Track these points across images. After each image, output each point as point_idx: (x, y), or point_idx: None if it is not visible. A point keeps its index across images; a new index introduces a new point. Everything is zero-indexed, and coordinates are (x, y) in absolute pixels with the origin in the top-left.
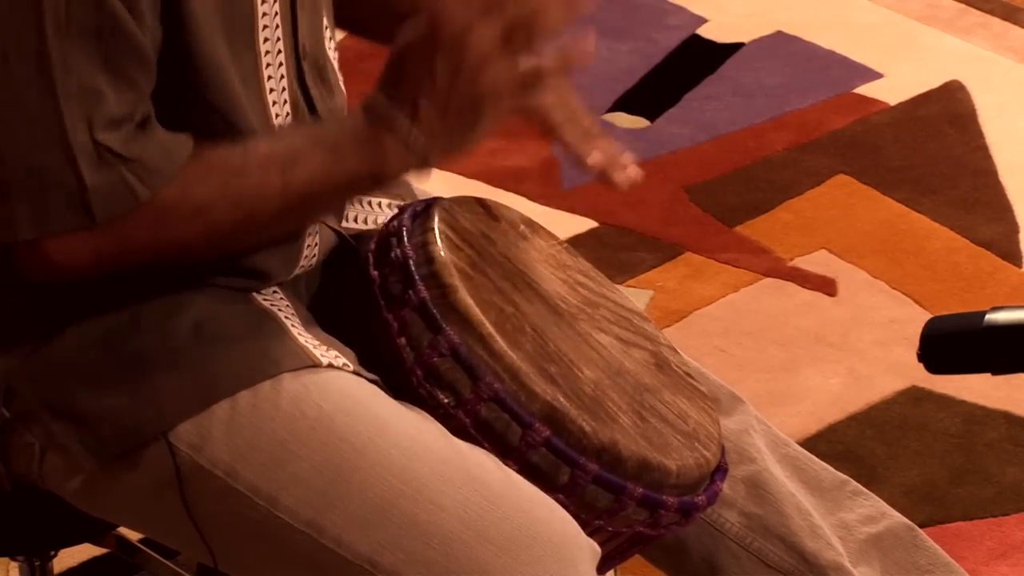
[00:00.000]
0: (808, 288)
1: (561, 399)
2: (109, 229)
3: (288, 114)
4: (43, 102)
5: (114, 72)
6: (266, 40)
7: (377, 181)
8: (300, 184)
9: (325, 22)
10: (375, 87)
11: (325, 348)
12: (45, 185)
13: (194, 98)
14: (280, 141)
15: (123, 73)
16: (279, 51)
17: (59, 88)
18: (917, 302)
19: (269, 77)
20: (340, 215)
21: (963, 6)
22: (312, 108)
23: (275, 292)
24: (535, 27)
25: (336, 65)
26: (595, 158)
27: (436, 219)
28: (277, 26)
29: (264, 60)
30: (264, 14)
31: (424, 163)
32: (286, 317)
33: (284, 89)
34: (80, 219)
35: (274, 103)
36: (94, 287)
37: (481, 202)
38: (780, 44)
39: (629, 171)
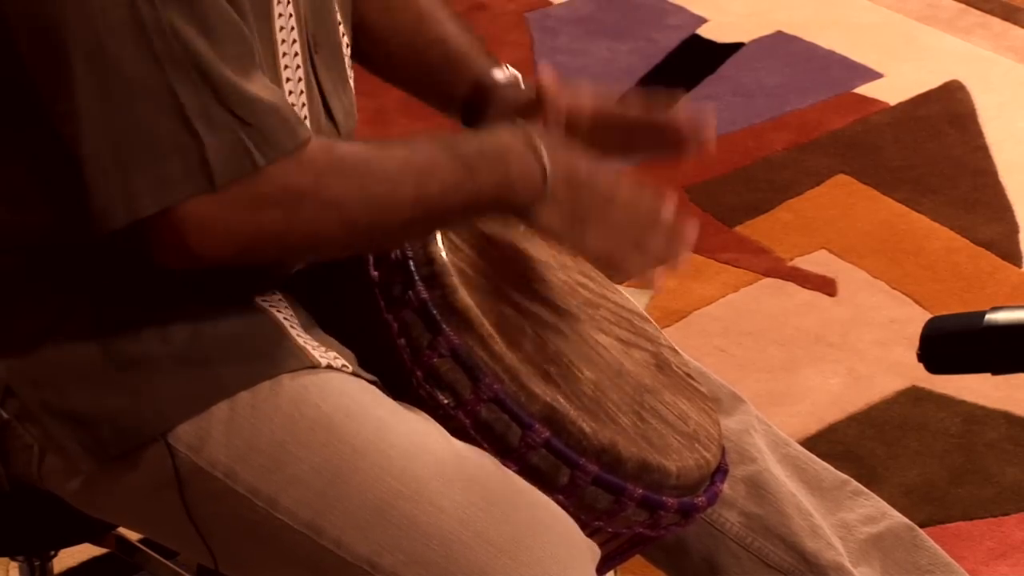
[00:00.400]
0: (808, 288)
1: (561, 400)
2: (242, 210)
3: (304, 104)
4: (147, 70)
5: (210, 32)
6: (281, 28)
7: (503, 205)
8: (433, 195)
9: (339, 18)
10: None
11: (324, 349)
12: (163, 154)
13: None
14: (418, 149)
15: (218, 33)
16: (294, 41)
17: (159, 53)
18: (917, 302)
19: (285, 63)
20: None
21: (963, 6)
22: (324, 100)
23: (274, 293)
24: (646, 238)
25: (348, 63)
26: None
27: None
28: (291, 15)
29: (280, 49)
30: (279, 2)
31: (532, 211)
32: (285, 318)
33: (300, 80)
34: (199, 183)
35: (290, 92)
36: (94, 287)
37: None
38: (780, 44)
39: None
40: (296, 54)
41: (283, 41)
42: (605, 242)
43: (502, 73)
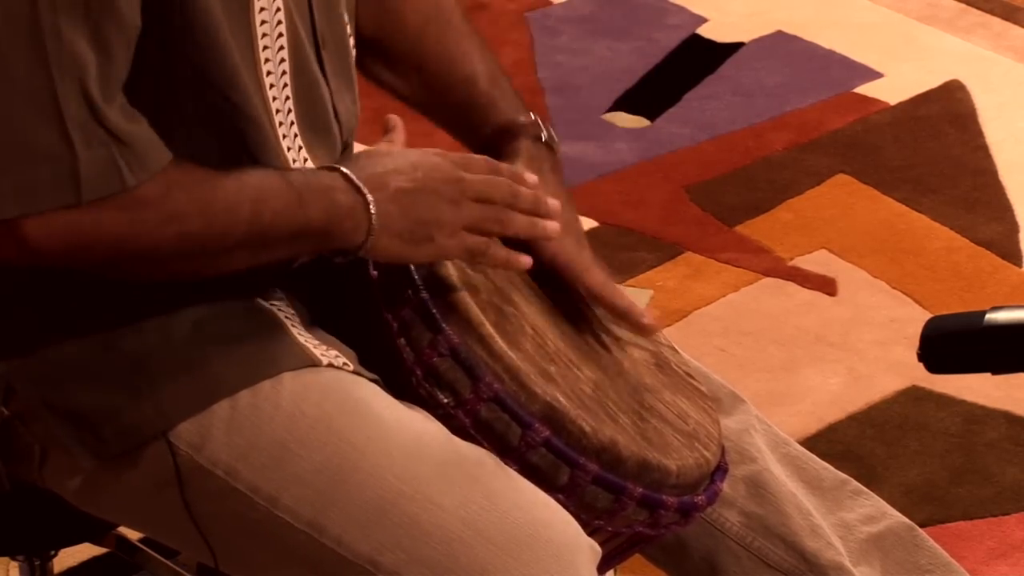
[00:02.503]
0: (808, 288)
1: (561, 399)
2: (87, 214)
3: (288, 97)
4: (34, 74)
5: (102, 45)
6: (263, 23)
7: (334, 239)
8: (267, 217)
9: (346, 18)
10: (359, 157)
11: (325, 348)
12: (34, 160)
13: (193, 73)
14: (254, 174)
15: (109, 47)
16: (279, 35)
17: (51, 59)
18: (917, 302)
19: (267, 60)
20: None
21: (963, 6)
22: (332, 98)
23: (275, 292)
24: (505, 219)
25: (353, 63)
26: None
27: None
28: (278, 9)
29: (261, 43)
30: None
31: (364, 246)
32: (286, 317)
33: (285, 72)
34: (66, 196)
35: (271, 86)
36: (95, 286)
37: None
38: (780, 44)
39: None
40: (281, 48)
41: (264, 35)
42: (460, 240)
43: (526, 120)
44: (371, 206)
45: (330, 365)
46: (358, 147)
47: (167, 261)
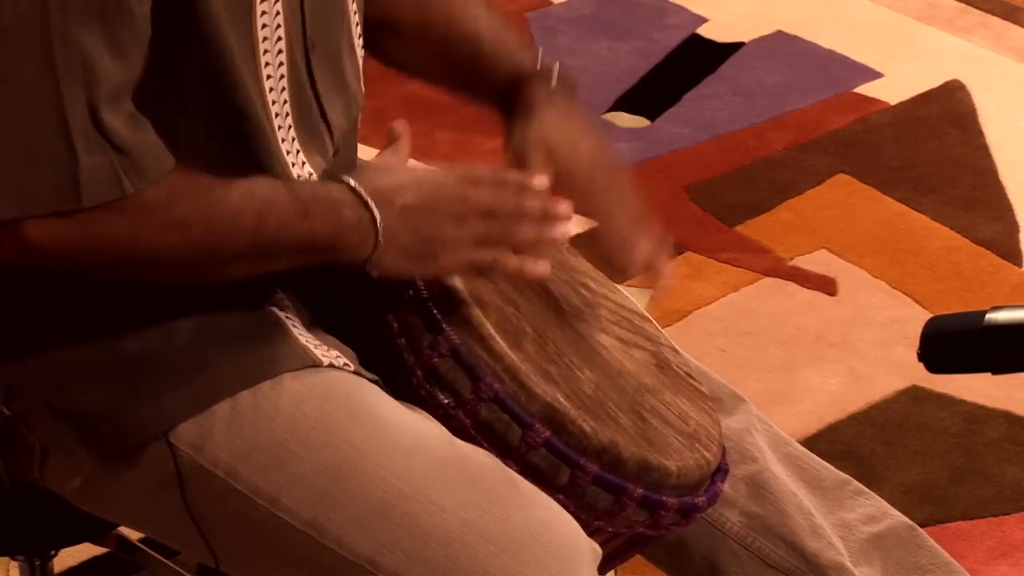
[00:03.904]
0: (808, 288)
1: (561, 400)
2: (88, 218)
3: (286, 101)
4: (41, 77)
5: (114, 51)
6: (264, 27)
7: (339, 252)
8: (271, 228)
9: (355, 19)
10: (367, 170)
11: (326, 348)
12: (36, 162)
13: (198, 77)
14: (260, 184)
15: (123, 53)
16: (279, 39)
17: (58, 63)
18: (917, 302)
19: (267, 64)
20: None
21: (963, 6)
22: (318, 101)
23: (276, 292)
24: (512, 232)
25: (360, 64)
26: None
27: None
28: (278, 12)
29: (262, 47)
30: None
31: (369, 261)
32: (287, 317)
33: (283, 76)
34: (66, 201)
35: (271, 89)
36: (96, 286)
37: None
38: (780, 44)
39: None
40: (280, 51)
41: (265, 39)
42: (466, 256)
43: (534, 68)
44: (378, 222)
45: (331, 366)
46: (358, 149)
47: (168, 268)
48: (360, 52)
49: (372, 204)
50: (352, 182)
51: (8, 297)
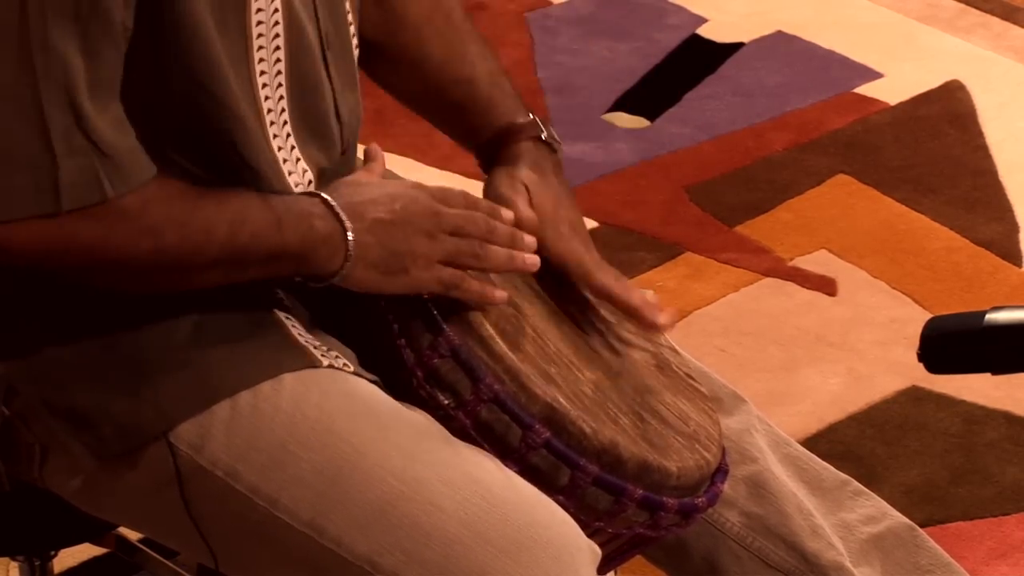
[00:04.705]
0: (808, 288)
1: (561, 400)
2: (64, 222)
3: (282, 97)
4: (20, 82)
5: (90, 50)
6: (259, 23)
7: (309, 265)
8: (243, 238)
9: (350, 18)
10: (340, 185)
11: (326, 348)
12: (15, 166)
13: (179, 71)
14: (234, 194)
15: (97, 51)
16: (276, 35)
17: (38, 68)
18: (917, 302)
19: (261, 60)
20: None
21: (963, 6)
22: (334, 98)
23: (276, 293)
24: (481, 253)
25: (356, 63)
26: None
27: None
28: (275, 10)
29: (256, 43)
30: None
31: (339, 274)
32: (287, 317)
33: (279, 74)
34: (44, 204)
35: (264, 85)
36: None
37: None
38: (780, 44)
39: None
40: (277, 48)
41: (260, 35)
42: (435, 272)
43: (525, 120)
44: (349, 234)
45: (330, 366)
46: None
47: (141, 274)
48: (355, 53)
49: (344, 217)
50: (324, 195)
51: (8, 297)
